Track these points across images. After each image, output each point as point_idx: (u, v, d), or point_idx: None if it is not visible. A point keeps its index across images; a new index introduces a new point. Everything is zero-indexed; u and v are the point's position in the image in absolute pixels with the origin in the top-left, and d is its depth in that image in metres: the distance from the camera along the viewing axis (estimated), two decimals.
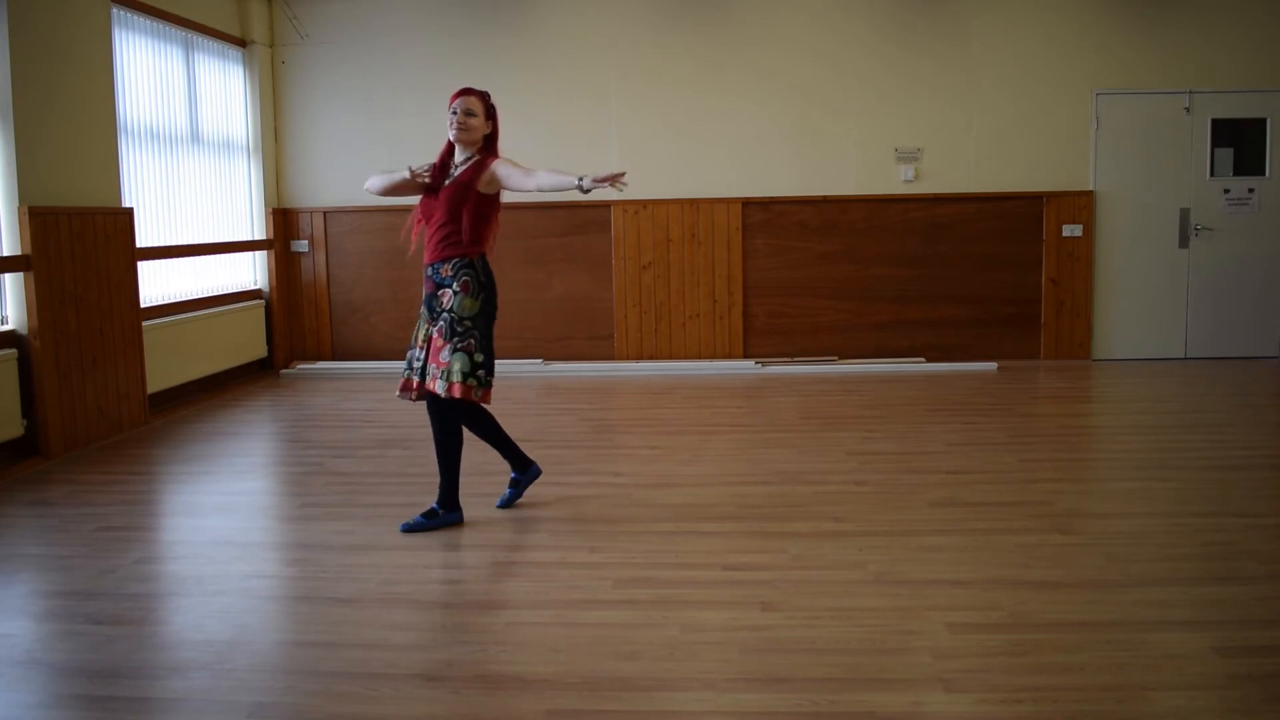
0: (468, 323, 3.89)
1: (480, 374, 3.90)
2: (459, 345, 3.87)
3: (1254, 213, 7.73)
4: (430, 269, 3.96)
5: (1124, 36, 7.68)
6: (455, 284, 3.90)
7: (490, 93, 4.06)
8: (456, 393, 3.84)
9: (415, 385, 4.00)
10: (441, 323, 3.91)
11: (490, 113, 4.00)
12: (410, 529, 4.01)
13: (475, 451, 5.26)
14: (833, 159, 7.86)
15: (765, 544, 3.75)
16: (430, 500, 4.23)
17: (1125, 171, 7.77)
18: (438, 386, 3.87)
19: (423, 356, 3.98)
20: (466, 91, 3.96)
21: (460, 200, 3.92)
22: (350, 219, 8.12)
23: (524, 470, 4.30)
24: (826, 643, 2.90)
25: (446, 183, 3.98)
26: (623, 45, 7.86)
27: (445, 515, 4.08)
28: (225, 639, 3.00)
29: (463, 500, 4.22)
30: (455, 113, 3.94)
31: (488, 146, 4.02)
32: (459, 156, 4.03)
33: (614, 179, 3.71)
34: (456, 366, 3.85)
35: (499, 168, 3.93)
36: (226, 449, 5.56)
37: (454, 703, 2.60)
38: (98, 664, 2.85)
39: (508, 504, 4.29)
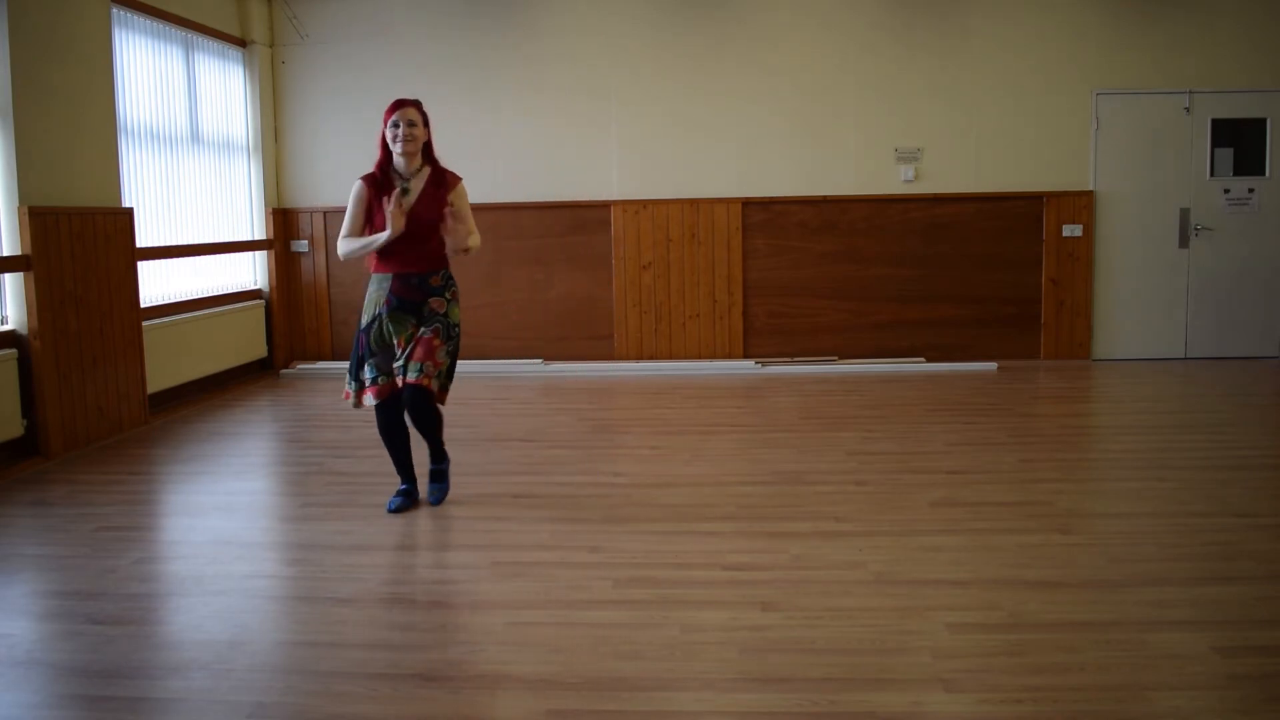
0: (457, 330, 4.14)
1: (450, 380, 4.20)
2: (450, 349, 4.10)
3: (1254, 213, 7.73)
4: (417, 278, 4.06)
5: (1124, 36, 7.68)
6: (447, 293, 4.14)
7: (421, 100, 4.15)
8: (442, 399, 4.12)
9: (398, 385, 4.05)
10: (438, 324, 4.06)
11: (427, 120, 4.10)
12: (438, 502, 4.27)
13: (474, 451, 5.26)
14: (833, 159, 7.86)
15: (765, 544, 3.74)
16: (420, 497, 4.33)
17: (1125, 171, 7.76)
18: (434, 385, 4.01)
19: (403, 358, 4.03)
20: (404, 103, 4.04)
21: (436, 214, 4.03)
22: None
23: (443, 461, 4.37)
24: (826, 643, 2.90)
25: (411, 198, 4.03)
26: (623, 44, 7.85)
27: (446, 464, 4.36)
28: (225, 639, 3.00)
29: (461, 500, 4.32)
30: (398, 125, 4.00)
31: (428, 153, 4.12)
32: (407, 167, 4.06)
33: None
34: (445, 370, 4.08)
35: (459, 200, 4.10)
36: (226, 449, 5.56)
37: (454, 703, 2.60)
38: (98, 664, 2.85)
39: (443, 499, 4.32)
